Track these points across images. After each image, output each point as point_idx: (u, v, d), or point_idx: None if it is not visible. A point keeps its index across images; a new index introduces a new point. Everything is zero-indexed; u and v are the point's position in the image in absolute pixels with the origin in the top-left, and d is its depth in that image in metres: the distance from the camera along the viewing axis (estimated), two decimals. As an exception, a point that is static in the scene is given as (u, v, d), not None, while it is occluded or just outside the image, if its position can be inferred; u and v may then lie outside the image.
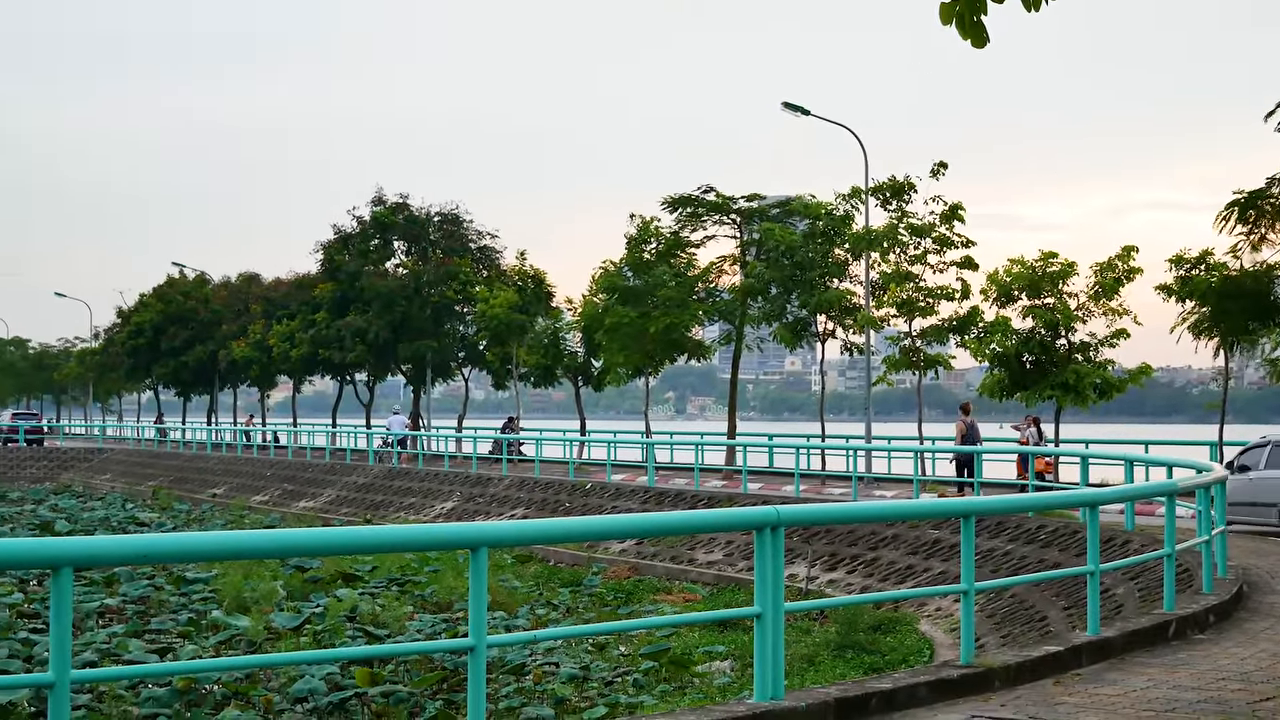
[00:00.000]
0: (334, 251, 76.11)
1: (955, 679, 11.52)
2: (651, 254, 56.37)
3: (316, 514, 54.23)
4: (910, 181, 45.92)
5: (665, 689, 21.52)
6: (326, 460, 65.39)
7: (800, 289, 51.22)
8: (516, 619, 28.15)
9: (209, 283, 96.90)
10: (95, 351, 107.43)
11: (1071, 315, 40.59)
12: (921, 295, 44.88)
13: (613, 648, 25.41)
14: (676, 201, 57.37)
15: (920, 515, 26.91)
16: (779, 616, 10.35)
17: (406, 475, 56.59)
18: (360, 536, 10.01)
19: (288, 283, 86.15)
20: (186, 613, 28.55)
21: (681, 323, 54.99)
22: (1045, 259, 41.10)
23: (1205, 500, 17.71)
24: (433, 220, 75.83)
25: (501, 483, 49.75)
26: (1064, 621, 21.25)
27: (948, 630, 24.84)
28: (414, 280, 73.28)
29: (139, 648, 23.21)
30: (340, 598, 29.00)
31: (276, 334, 79.91)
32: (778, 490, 40.60)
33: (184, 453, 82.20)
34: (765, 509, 10.43)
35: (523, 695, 20.61)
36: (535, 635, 9.80)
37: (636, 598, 32.20)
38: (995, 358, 41.30)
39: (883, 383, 48.50)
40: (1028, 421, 39.67)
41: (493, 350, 70.04)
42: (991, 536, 29.10)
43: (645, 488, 43.41)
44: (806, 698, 10.54)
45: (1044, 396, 40.81)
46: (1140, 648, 13.70)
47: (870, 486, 40.97)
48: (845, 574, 31.59)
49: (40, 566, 7.45)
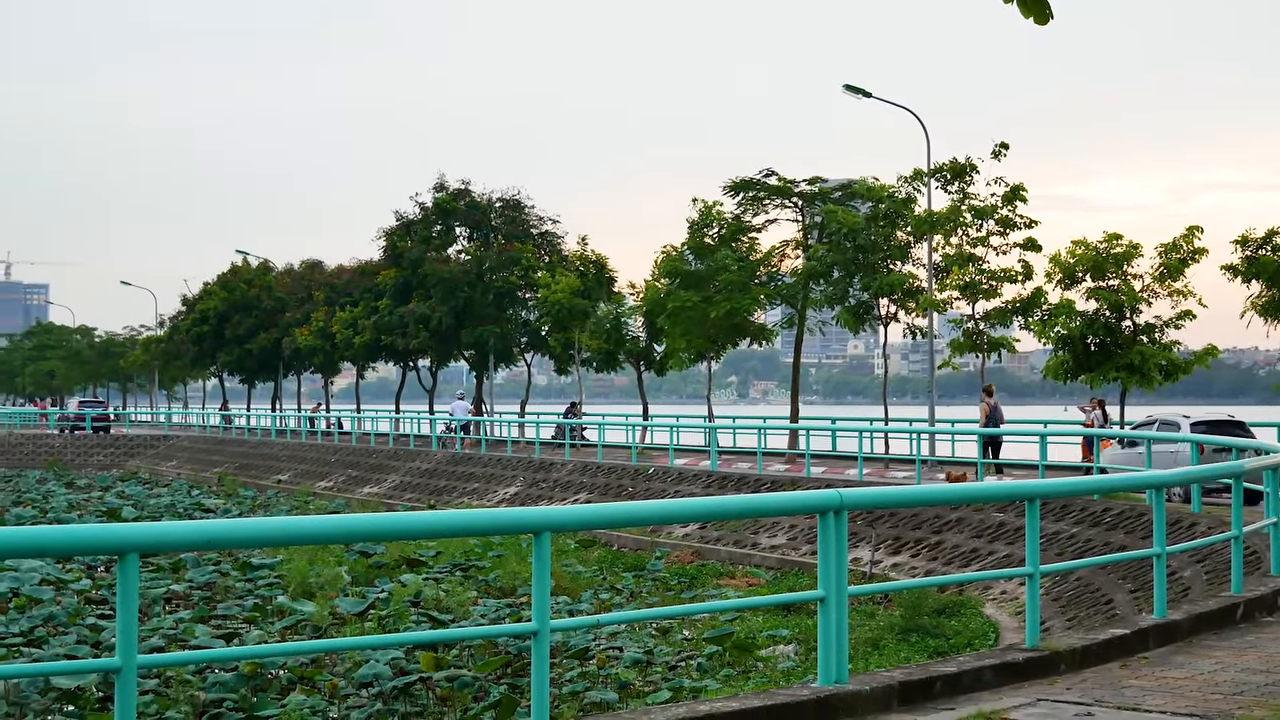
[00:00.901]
0: (397, 238, 76.27)
1: (1020, 662, 11.47)
2: (713, 238, 56.29)
3: (380, 500, 54.46)
4: (972, 163, 45.70)
5: (729, 673, 21.52)
6: (390, 446, 65.64)
7: (863, 272, 51.05)
8: (580, 603, 28.20)
9: (273, 270, 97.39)
10: (160, 339, 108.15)
11: (1136, 297, 40.26)
12: (984, 277, 44.65)
13: (676, 632, 25.43)
14: (738, 185, 57.25)
15: (984, 498, 26.74)
16: (843, 600, 10.32)
17: (469, 461, 56.75)
18: (424, 521, 10.06)
19: (351, 270, 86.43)
20: (252, 598, 28.74)
21: (743, 307, 54.87)
22: (1109, 240, 40.79)
23: (1273, 482, 17.54)
24: (495, 206, 75.83)
25: (564, 467, 49.82)
26: (1130, 604, 21.13)
27: (1013, 614, 24.73)
28: (476, 266, 73.35)
29: (205, 633, 23.37)
30: (404, 583, 29.11)
31: (340, 321, 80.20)
32: (841, 474, 40.50)
33: (249, 439, 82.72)
34: (829, 492, 10.41)
35: (586, 679, 20.65)
36: (599, 619, 9.81)
37: (700, 582, 32.19)
38: (1059, 340, 41.01)
39: (946, 366, 48.27)
40: (1093, 404, 39.44)
41: (555, 335, 70.09)
42: (1056, 519, 28.95)
43: (708, 472, 43.39)
44: (871, 681, 10.51)
45: (1109, 379, 40.52)
46: (1207, 630, 13.59)
47: (934, 469, 40.81)
48: (909, 557, 31.50)
49: (107, 552, 7.51)
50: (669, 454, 49.36)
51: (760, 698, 10.06)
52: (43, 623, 24.68)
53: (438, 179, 76.15)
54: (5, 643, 22.80)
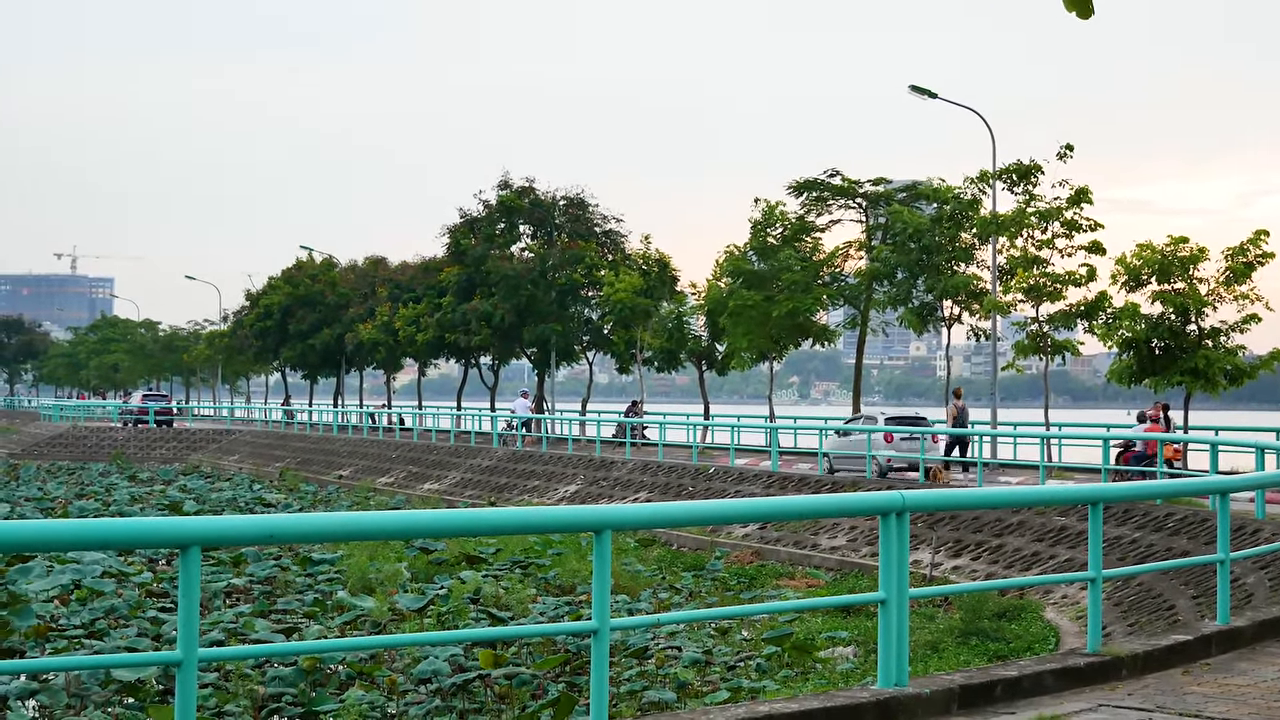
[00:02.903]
0: (460, 235, 76.44)
1: (1082, 667, 11.40)
2: (776, 238, 56.22)
3: (441, 496, 54.62)
4: (1037, 165, 45.50)
5: (788, 674, 21.48)
6: (451, 443, 65.84)
7: (926, 273, 50.93)
8: (639, 602, 28.19)
9: (336, 266, 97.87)
10: (224, 334, 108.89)
11: (1202, 300, 39.96)
12: (1049, 280, 44.43)
13: (735, 632, 25.40)
14: (802, 185, 57.18)
15: (1047, 501, 26.63)
16: (904, 602, 10.29)
17: (530, 458, 56.85)
18: (484, 518, 10.06)
19: (414, 266, 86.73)
20: (312, 593, 28.86)
21: (806, 307, 54.78)
22: (1175, 243, 40.50)
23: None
24: (558, 204, 75.89)
25: (624, 466, 49.85)
26: (1192, 610, 20.96)
27: (1074, 618, 24.58)
28: (539, 264, 73.43)
29: (265, 627, 23.50)
30: (464, 580, 29.17)
31: (402, 317, 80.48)
32: (902, 476, 40.36)
33: (310, 434, 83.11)
34: (891, 494, 10.37)
35: (645, 679, 20.64)
36: (658, 619, 9.81)
37: (759, 582, 32.15)
38: (1124, 343, 40.75)
39: (1009, 368, 48.04)
40: (1157, 409, 39.18)
41: (617, 334, 70.14)
42: (1119, 524, 28.76)
43: (768, 472, 43.32)
44: (931, 684, 10.48)
45: (1173, 383, 40.24)
46: (1271, 637, 13.48)
47: (996, 472, 40.61)
48: (970, 560, 31.36)
49: (169, 546, 7.55)
50: (730, 454, 49.31)
51: (819, 699, 10.04)
52: (104, 615, 24.86)
53: (502, 176, 76.34)
54: (67, 634, 22.98)
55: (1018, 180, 45.71)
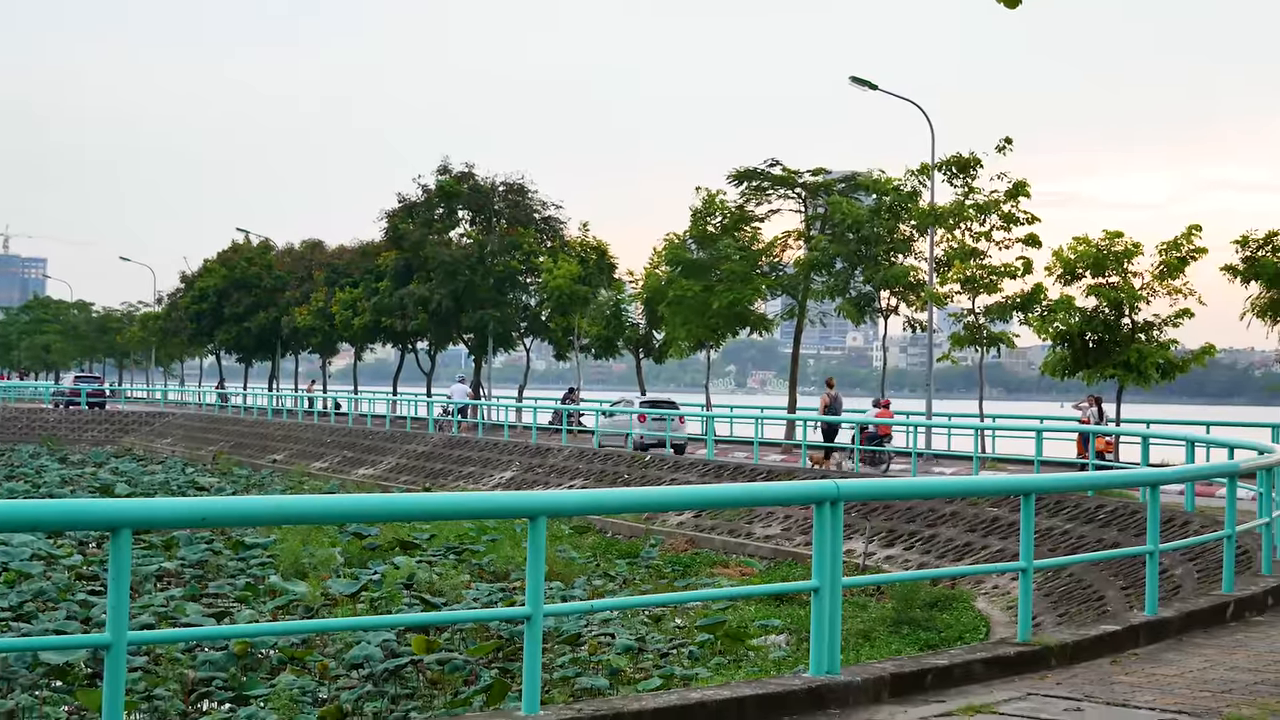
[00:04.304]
0: (398, 220, 76.13)
1: (1012, 656, 11.47)
2: (716, 227, 56.23)
3: (376, 481, 54.47)
4: (976, 158, 45.73)
5: (720, 662, 21.54)
6: (387, 428, 65.63)
7: (865, 264, 51.09)
8: (573, 589, 28.20)
9: (273, 249, 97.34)
10: (158, 316, 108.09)
11: (1135, 294, 40.27)
12: (985, 272, 44.68)
13: (669, 620, 25.45)
14: (742, 175, 57.23)
15: (980, 492, 26.85)
16: (836, 591, 10.32)
17: (466, 444, 56.73)
18: (419, 504, 10.06)
19: (351, 250, 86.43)
20: (244, 577, 28.75)
21: (744, 296, 54.82)
22: (1110, 238, 40.79)
23: (1266, 482, 17.55)
24: (498, 190, 75.73)
25: (561, 453, 49.82)
26: (1121, 601, 21.14)
27: (1004, 608, 24.75)
28: (478, 250, 73.29)
29: (196, 611, 23.38)
30: (398, 565, 29.13)
31: (339, 301, 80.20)
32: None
33: (245, 418, 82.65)
34: (825, 483, 10.40)
35: (578, 665, 20.65)
36: (592, 605, 9.82)
37: (693, 570, 32.21)
38: (1058, 336, 41.02)
39: (945, 360, 48.26)
40: (1090, 401, 39.47)
41: (555, 321, 70.12)
42: (1050, 515, 28.96)
43: (704, 460, 43.40)
44: (862, 672, 10.52)
45: (1106, 375, 40.52)
46: (1198, 629, 13.61)
47: (930, 463, 40.84)
48: (903, 550, 31.52)
49: (99, 528, 7.49)
50: (665, 442, 49.37)
51: (751, 686, 10.06)
52: (33, 598, 24.67)
53: (442, 162, 76.11)
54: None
55: (957, 173, 45.94)
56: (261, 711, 17.50)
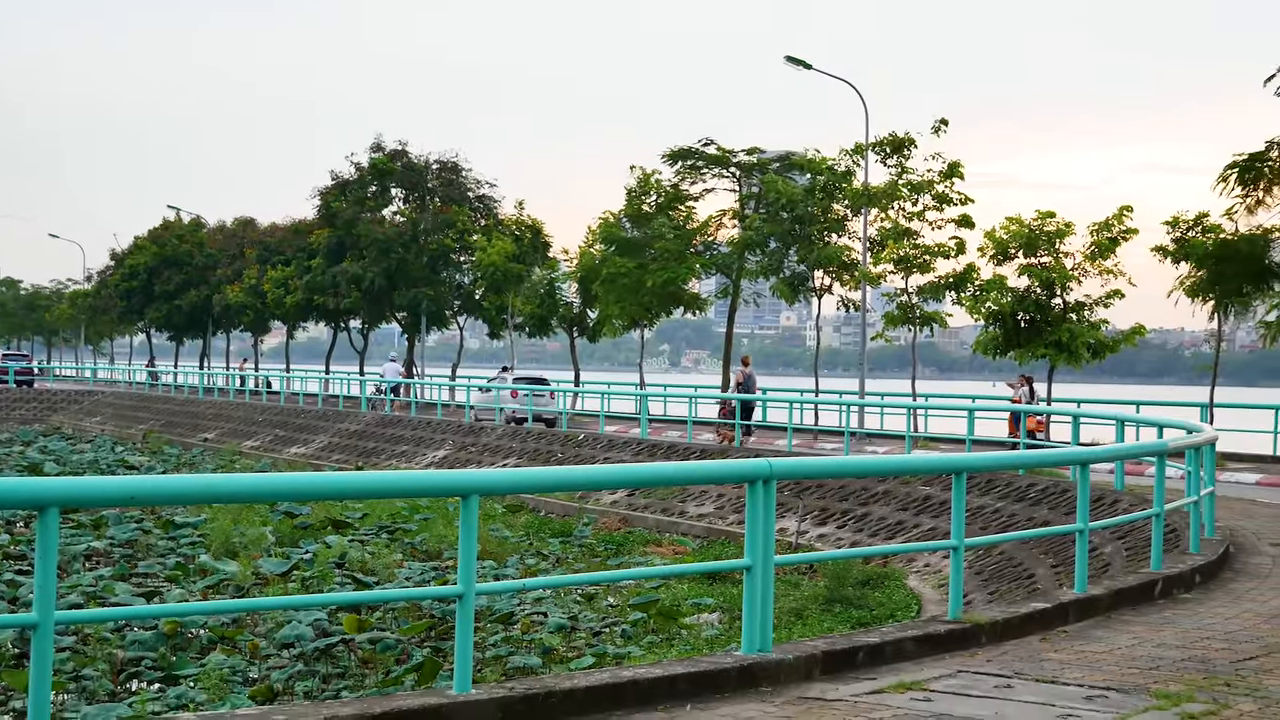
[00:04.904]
0: (331, 198, 75.79)
1: (942, 634, 11.53)
2: (651, 206, 56.24)
3: (308, 460, 54.22)
4: (911, 138, 45.88)
5: (653, 640, 21.55)
6: (319, 407, 65.32)
7: (799, 244, 51.19)
8: (506, 568, 28.16)
9: (204, 227, 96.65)
10: (87, 294, 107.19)
11: (1067, 275, 40.55)
12: (919, 252, 44.86)
13: (601, 599, 25.45)
14: (677, 154, 57.23)
15: (912, 471, 26.95)
16: (769, 569, 10.34)
17: (399, 423, 56.55)
18: (351, 482, 10.00)
19: (284, 228, 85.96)
20: (174, 557, 28.59)
21: (679, 275, 54.87)
22: (1042, 218, 41.05)
23: (1195, 461, 17.70)
24: (431, 168, 75.51)
25: (494, 432, 49.73)
26: (1052, 579, 21.27)
27: (936, 586, 24.86)
28: (411, 228, 73.09)
29: (125, 591, 23.23)
30: (329, 544, 29.02)
31: (271, 279, 79.76)
32: (770, 444, 40.61)
33: (175, 397, 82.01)
34: (757, 462, 10.42)
35: (510, 644, 20.63)
36: (524, 584, 9.79)
37: (627, 549, 32.20)
38: (990, 316, 41.30)
39: (878, 339, 48.46)
40: (1021, 380, 39.72)
41: (489, 299, 69.98)
42: (982, 494, 29.11)
43: (638, 440, 43.40)
44: (794, 650, 10.55)
45: (1038, 355, 40.82)
46: (1126, 606, 13.72)
47: (863, 442, 40.99)
48: (835, 529, 31.61)
49: (26, 507, 7.40)
50: (599, 420, 49.36)
51: (683, 665, 10.08)
52: (-41, 578, 24.45)
53: (375, 139, 75.79)
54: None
55: (891, 153, 46.10)
56: (191, 691, 17.40)
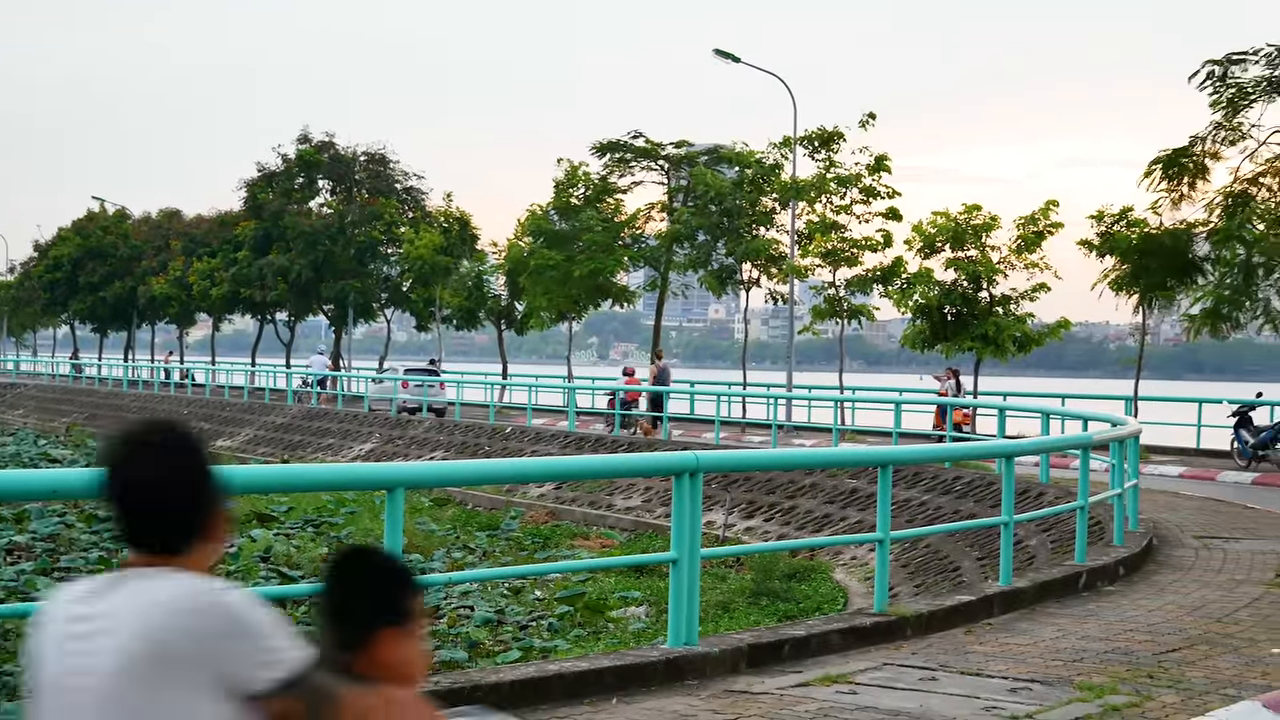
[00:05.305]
0: (258, 189, 75.41)
1: (868, 627, 11.58)
2: (579, 199, 56.17)
3: (233, 453, 53.82)
4: (839, 132, 46.01)
5: (580, 634, 21.53)
6: (245, 399, 64.92)
7: (727, 236, 51.27)
8: (432, 562, 28.06)
9: (129, 218, 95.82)
10: (10, 285, 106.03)
11: (993, 268, 40.80)
12: (846, 245, 45.01)
13: (528, 592, 25.40)
14: (605, 147, 57.15)
15: (838, 463, 27.08)
16: (695, 562, 10.35)
17: (325, 416, 56.28)
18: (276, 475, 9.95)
19: (210, 220, 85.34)
20: (97, 551, 28.29)
21: (606, 268, 54.83)
22: (969, 211, 41.30)
23: (1119, 454, 17.84)
24: (359, 160, 75.26)
25: (421, 425, 49.58)
26: (977, 572, 21.39)
27: (862, 579, 24.95)
28: (338, 220, 72.79)
29: (47, 585, 22.98)
30: (254, 538, 28.82)
31: (197, 271, 79.20)
32: (698, 437, 40.66)
33: (99, 389, 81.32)
34: (684, 454, 10.43)
35: (437, 638, 20.56)
36: (450, 578, 9.78)
37: (554, 542, 32.16)
38: (917, 309, 41.50)
39: (806, 332, 48.59)
40: (948, 374, 39.93)
41: (416, 292, 69.79)
42: (909, 487, 29.24)
43: (565, 432, 43.36)
44: (720, 643, 10.56)
45: (964, 348, 41.06)
46: (1051, 598, 13.81)
47: (790, 435, 41.11)
48: (763, 521, 31.68)
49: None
50: (527, 413, 49.28)
51: (609, 658, 10.07)
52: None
53: (302, 131, 75.46)
54: None
55: (819, 146, 46.19)
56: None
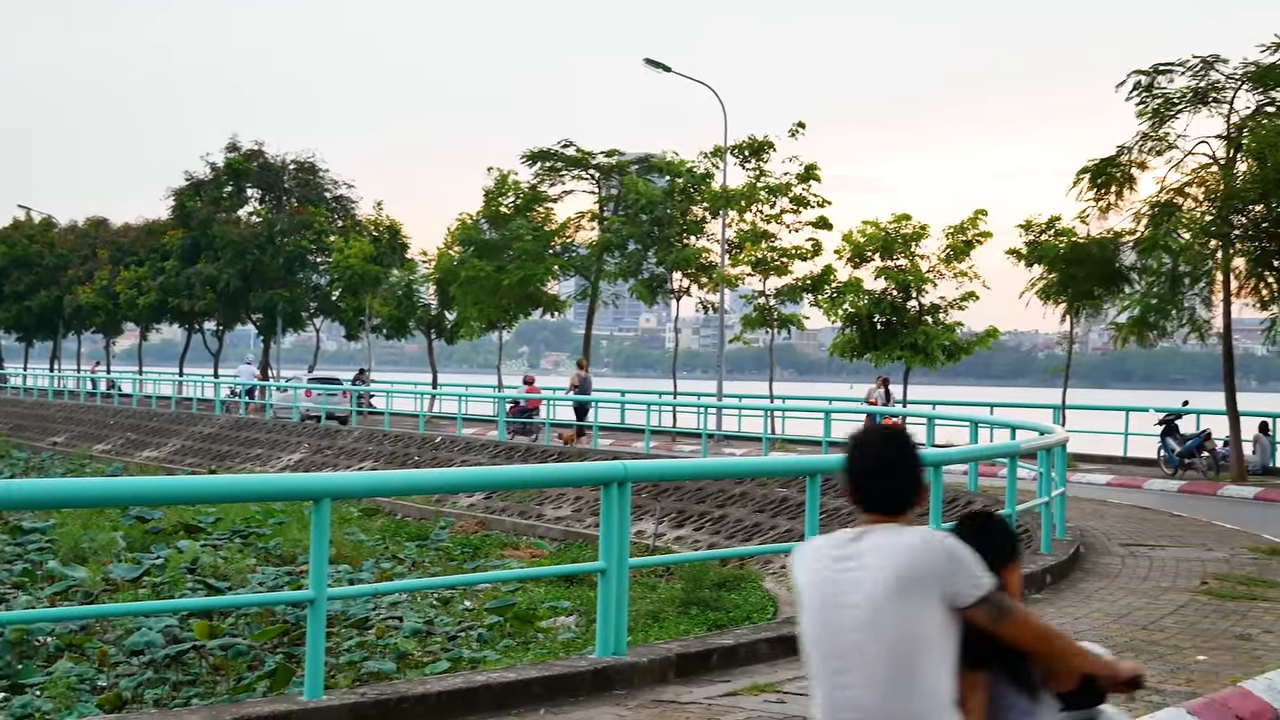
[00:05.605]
0: (186, 198, 74.94)
1: (796, 636, 11.54)
2: (509, 207, 56.10)
3: (160, 464, 53.41)
4: (769, 141, 46.14)
5: (509, 644, 21.43)
6: (172, 409, 64.44)
7: (657, 245, 51.32)
8: (361, 572, 27.89)
9: (56, 227, 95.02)
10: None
11: (922, 277, 41.00)
12: (776, 255, 45.12)
13: (458, 602, 25.27)
14: (535, 155, 57.11)
15: (767, 473, 27.12)
16: (623, 572, 10.31)
17: (254, 426, 55.92)
18: (202, 486, 9.85)
19: (137, 228, 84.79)
20: (21, 563, 27.99)
21: (537, 277, 54.80)
22: (898, 221, 41.48)
23: (1046, 462, 17.92)
24: (288, 168, 74.97)
25: (350, 435, 49.34)
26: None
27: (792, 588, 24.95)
28: (267, 229, 72.45)
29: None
30: (181, 549, 28.55)
31: (124, 280, 78.63)
32: (628, 446, 40.63)
33: (25, 399, 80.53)
34: (612, 464, 10.39)
35: (365, 649, 20.42)
36: (377, 588, 9.71)
37: (483, 552, 32.02)
38: (847, 318, 41.65)
39: (737, 341, 48.67)
40: (878, 383, 40.08)
41: (346, 301, 69.57)
42: (838, 495, 29.27)
43: (495, 442, 43.25)
44: (648, 653, 10.52)
45: (893, 357, 41.23)
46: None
47: (721, 444, 41.13)
48: (693, 531, 31.66)
49: None
50: (457, 423, 49.10)
51: (537, 669, 10.02)
52: None
53: (231, 139, 75.08)
54: None
55: (749, 156, 46.31)
56: (38, 700, 17.03)
